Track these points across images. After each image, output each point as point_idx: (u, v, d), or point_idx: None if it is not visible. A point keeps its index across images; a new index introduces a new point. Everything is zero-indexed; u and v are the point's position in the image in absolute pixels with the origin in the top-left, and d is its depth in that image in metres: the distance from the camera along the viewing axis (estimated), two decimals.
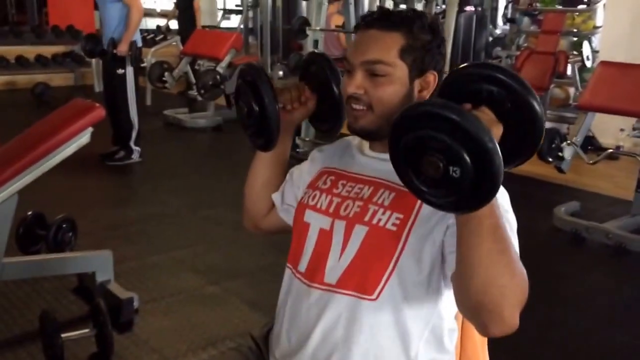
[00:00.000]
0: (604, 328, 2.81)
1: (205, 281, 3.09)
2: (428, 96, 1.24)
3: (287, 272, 1.32)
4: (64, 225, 3.22)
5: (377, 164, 1.26)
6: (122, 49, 4.88)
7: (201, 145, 6.28)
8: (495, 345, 1.34)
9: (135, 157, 5.14)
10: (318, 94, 1.37)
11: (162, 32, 9.86)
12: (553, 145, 3.86)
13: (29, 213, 3.21)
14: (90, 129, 2.52)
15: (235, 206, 4.10)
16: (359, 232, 1.18)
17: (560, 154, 3.84)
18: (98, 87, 8.36)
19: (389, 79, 1.20)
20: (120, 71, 4.97)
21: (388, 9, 1.25)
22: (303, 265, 1.25)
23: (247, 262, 3.36)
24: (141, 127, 5.15)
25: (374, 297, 1.16)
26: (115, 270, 2.86)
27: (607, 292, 3.28)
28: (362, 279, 1.17)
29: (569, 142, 3.83)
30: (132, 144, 5.10)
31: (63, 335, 2.32)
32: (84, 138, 2.52)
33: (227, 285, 3.05)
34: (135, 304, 2.72)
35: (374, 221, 1.18)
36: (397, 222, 1.16)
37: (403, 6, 5.57)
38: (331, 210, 1.24)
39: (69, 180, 4.27)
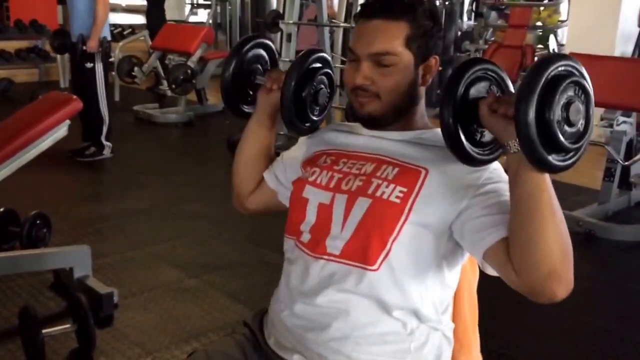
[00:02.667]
0: (577, 312, 2.88)
1: (184, 275, 3.07)
2: (430, 80, 1.28)
3: (289, 243, 1.33)
4: (38, 222, 3.17)
5: (377, 142, 1.29)
6: (92, 45, 4.79)
7: (173, 140, 6.23)
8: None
9: (107, 152, 5.06)
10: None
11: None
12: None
13: (1, 209, 3.16)
14: (67, 122, 2.50)
15: (210, 201, 4.15)
16: (362, 203, 1.21)
17: None
18: (64, 83, 8.23)
19: (396, 68, 1.23)
20: (89, 65, 4.87)
21: None
22: (306, 237, 1.27)
23: (226, 256, 3.35)
24: (111, 122, 5.08)
25: (375, 267, 1.18)
26: (91, 266, 2.82)
27: (580, 277, 3.33)
28: (365, 250, 1.19)
29: None
30: (103, 139, 5.02)
31: (43, 331, 2.29)
32: (61, 131, 2.50)
33: (207, 279, 3.04)
34: (115, 299, 2.69)
35: (378, 193, 1.21)
36: (401, 195, 1.19)
37: None
38: (332, 185, 1.26)
39: (39, 176, 4.20)
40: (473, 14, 9.76)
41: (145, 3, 8.79)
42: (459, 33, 7.52)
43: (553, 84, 1.02)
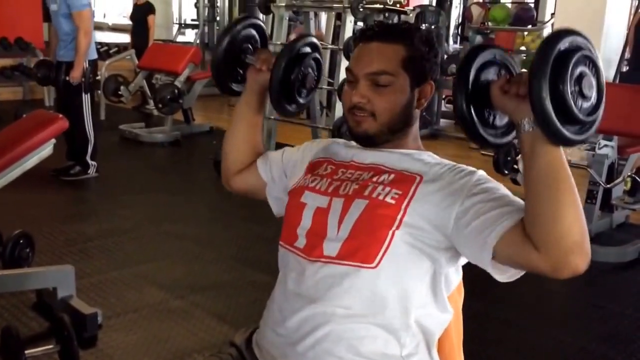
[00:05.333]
0: (560, 333, 2.91)
1: (169, 295, 3.05)
2: (425, 104, 1.33)
3: (282, 252, 1.35)
4: (21, 241, 3.14)
5: (373, 154, 1.32)
6: (75, 75, 4.73)
7: (159, 160, 6.21)
8: None
9: (92, 172, 5.03)
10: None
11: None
12: (509, 158, 3.97)
13: None
14: (53, 141, 2.50)
15: (196, 221, 4.15)
16: (359, 204, 1.23)
17: (515, 166, 3.95)
18: (48, 102, 8.20)
19: (392, 89, 1.27)
20: (74, 83, 4.83)
21: (387, 23, 1.34)
22: (301, 242, 1.29)
23: (212, 276, 3.33)
24: (96, 142, 5.05)
25: (373, 265, 1.20)
26: (75, 286, 2.80)
27: (562, 298, 3.39)
28: (362, 249, 1.21)
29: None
30: (88, 158, 4.99)
31: (26, 352, 2.26)
32: (47, 150, 2.49)
33: (192, 299, 3.02)
34: (99, 319, 2.67)
35: (374, 195, 1.24)
36: (396, 196, 1.22)
37: (360, 24, 5.65)
38: (330, 190, 1.29)
39: (23, 195, 4.15)
40: (459, 37, 9.89)
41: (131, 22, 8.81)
42: (445, 56, 7.59)
43: (564, 58, 1.05)
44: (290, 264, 1.31)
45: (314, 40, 1.49)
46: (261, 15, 5.44)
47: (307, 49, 1.46)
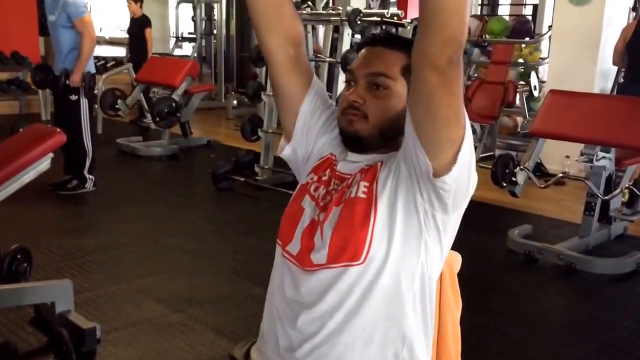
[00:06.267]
0: (559, 344, 2.90)
1: (168, 309, 3.04)
2: None
3: (278, 251, 1.35)
4: (19, 256, 3.14)
5: (358, 166, 1.31)
6: (75, 79, 4.76)
7: (157, 174, 6.21)
8: None
9: (89, 186, 5.03)
10: None
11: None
12: (507, 171, 3.98)
13: None
14: (50, 155, 2.50)
15: (194, 234, 4.14)
16: (335, 211, 1.26)
17: (513, 179, 3.96)
18: (45, 116, 8.21)
19: (389, 92, 1.28)
20: (73, 97, 4.85)
21: (394, 33, 1.34)
22: (295, 248, 1.29)
23: (210, 290, 3.33)
24: (94, 155, 5.05)
25: (361, 261, 1.21)
26: (73, 300, 2.79)
27: (561, 309, 3.39)
28: (348, 248, 1.22)
29: (521, 167, 3.95)
30: (85, 172, 4.99)
31: None
32: (44, 164, 2.49)
33: (191, 313, 3.01)
34: (97, 334, 2.66)
35: (346, 196, 1.26)
36: (365, 189, 1.24)
37: (358, 36, 5.67)
38: (322, 204, 1.30)
39: (20, 210, 4.15)
40: None
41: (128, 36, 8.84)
42: None
43: None
44: (286, 271, 1.31)
45: None
46: None
47: None
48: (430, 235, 1.22)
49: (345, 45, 5.14)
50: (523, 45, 7.11)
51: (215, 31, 10.03)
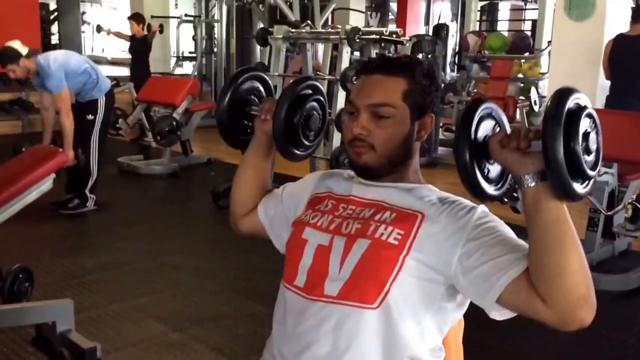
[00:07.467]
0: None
1: (168, 328, 3.02)
2: (425, 136, 1.33)
3: (282, 291, 1.33)
4: (20, 276, 3.13)
5: (374, 190, 1.32)
6: (70, 157, 4.56)
7: (158, 192, 6.21)
8: None
9: (90, 205, 5.01)
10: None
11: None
12: (508, 187, 3.97)
13: None
14: (52, 175, 2.50)
15: (195, 252, 4.13)
16: (362, 244, 1.23)
17: (515, 194, 3.94)
18: None
19: (393, 121, 1.28)
20: (89, 117, 4.86)
21: (389, 57, 1.37)
22: (301, 280, 1.28)
23: (211, 309, 3.30)
24: (98, 176, 5.04)
25: (374, 306, 1.19)
26: (74, 320, 2.77)
27: None
28: (364, 290, 1.20)
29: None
30: (87, 191, 4.98)
31: None
32: (47, 184, 2.49)
33: (191, 332, 2.99)
34: (98, 353, 2.64)
35: (377, 235, 1.23)
36: (399, 237, 1.21)
37: (357, 54, 5.69)
38: (332, 228, 1.29)
39: (22, 229, 4.15)
40: (455, 66, 9.98)
41: (129, 56, 8.90)
42: (442, 85, 7.66)
43: (573, 115, 1.08)
44: (289, 304, 1.29)
45: (314, 82, 1.49)
46: (258, 48, 5.49)
47: (308, 91, 1.47)
48: (450, 299, 1.23)
49: (345, 63, 5.15)
50: (523, 61, 7.15)
51: (215, 50, 10.09)
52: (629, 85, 5.32)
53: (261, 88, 1.56)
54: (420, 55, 7.08)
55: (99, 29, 10.10)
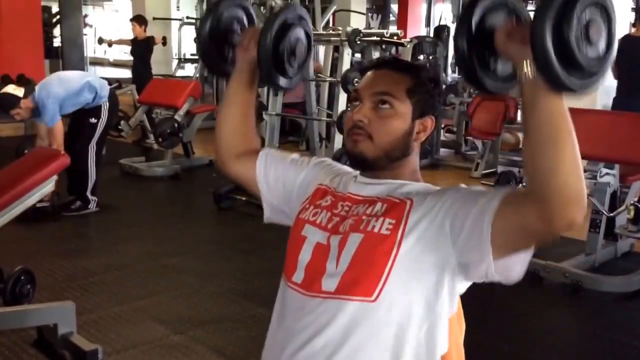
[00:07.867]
0: None
1: (170, 330, 3.02)
2: (424, 138, 1.34)
3: (282, 287, 1.34)
4: (22, 278, 3.14)
5: (371, 187, 1.32)
6: None
7: (159, 194, 6.21)
8: None
9: (92, 207, 5.02)
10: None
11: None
12: (510, 184, 3.97)
13: None
14: (54, 177, 2.51)
15: (196, 254, 4.13)
16: (354, 239, 1.23)
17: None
18: None
19: (394, 112, 1.29)
20: (92, 120, 4.89)
21: (399, 58, 1.37)
22: (299, 277, 1.28)
23: (212, 310, 3.31)
24: (97, 177, 5.05)
25: (372, 299, 1.19)
26: (76, 322, 2.77)
27: (567, 329, 3.36)
28: (361, 283, 1.20)
29: (524, 184, 3.93)
30: (88, 194, 5.00)
31: None
32: (48, 187, 2.49)
33: (192, 334, 2.99)
34: (100, 356, 2.64)
35: (369, 228, 1.23)
36: (390, 226, 1.22)
37: (358, 55, 5.70)
38: (330, 226, 1.29)
39: (23, 231, 4.17)
40: (457, 68, 9.96)
41: (131, 58, 8.90)
42: (444, 86, 7.66)
43: (572, 1, 1.00)
44: (288, 300, 1.30)
45: (299, 12, 1.47)
46: None
47: (294, 20, 1.45)
48: (447, 286, 1.22)
49: (346, 65, 5.16)
50: None
51: None
52: (636, 87, 5.31)
53: (244, 18, 1.53)
54: (421, 57, 7.09)
55: (100, 41, 10.18)
